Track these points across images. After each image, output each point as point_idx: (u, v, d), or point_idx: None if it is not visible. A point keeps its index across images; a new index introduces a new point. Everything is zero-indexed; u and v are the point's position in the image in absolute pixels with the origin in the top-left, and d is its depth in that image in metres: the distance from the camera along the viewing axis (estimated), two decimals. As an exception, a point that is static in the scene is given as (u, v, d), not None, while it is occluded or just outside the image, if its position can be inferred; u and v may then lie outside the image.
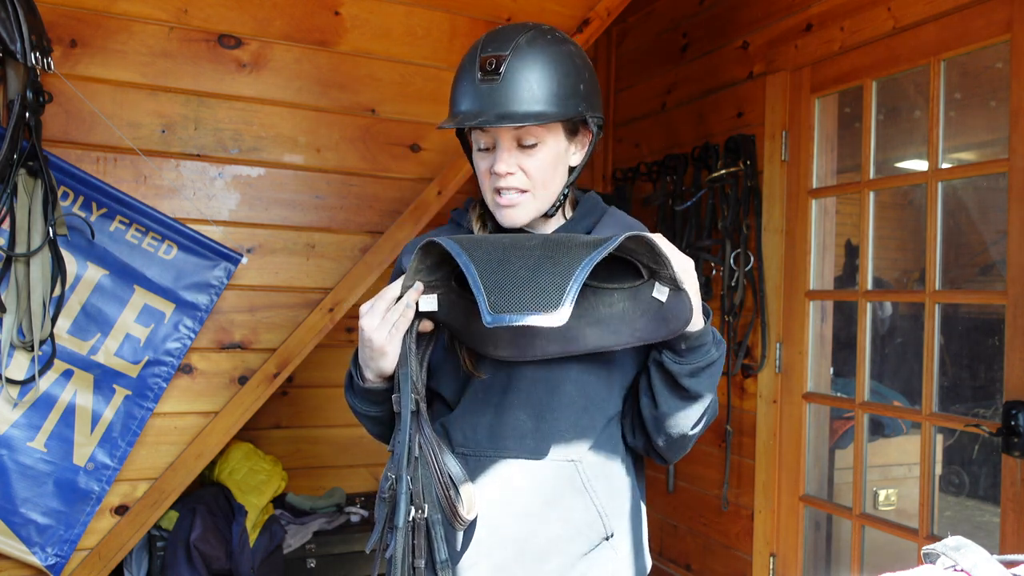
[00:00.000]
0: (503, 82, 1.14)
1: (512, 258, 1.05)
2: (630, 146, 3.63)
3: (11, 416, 1.98)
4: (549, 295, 1.00)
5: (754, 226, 2.78)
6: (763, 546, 2.72)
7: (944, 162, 2.24)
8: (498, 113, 1.14)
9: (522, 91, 1.14)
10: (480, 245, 1.08)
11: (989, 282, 4.80)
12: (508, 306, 1.00)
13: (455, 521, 1.14)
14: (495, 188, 1.22)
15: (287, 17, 2.28)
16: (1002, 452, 1.98)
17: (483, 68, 1.15)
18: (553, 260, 1.03)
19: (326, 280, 2.36)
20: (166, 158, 2.18)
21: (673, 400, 1.19)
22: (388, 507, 1.13)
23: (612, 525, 1.24)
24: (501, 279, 1.02)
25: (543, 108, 1.15)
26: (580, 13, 2.60)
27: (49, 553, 2.03)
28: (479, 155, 1.24)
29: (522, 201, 1.22)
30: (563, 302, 0.99)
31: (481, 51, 1.17)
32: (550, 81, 1.16)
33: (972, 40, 2.11)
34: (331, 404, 3.57)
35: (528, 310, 1.00)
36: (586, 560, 1.23)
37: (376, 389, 1.22)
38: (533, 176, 1.20)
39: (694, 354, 1.15)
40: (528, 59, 1.15)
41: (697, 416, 1.20)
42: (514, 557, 1.20)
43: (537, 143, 1.19)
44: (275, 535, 2.98)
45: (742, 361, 2.82)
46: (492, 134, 1.20)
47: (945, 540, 0.74)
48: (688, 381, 1.16)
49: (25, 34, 1.82)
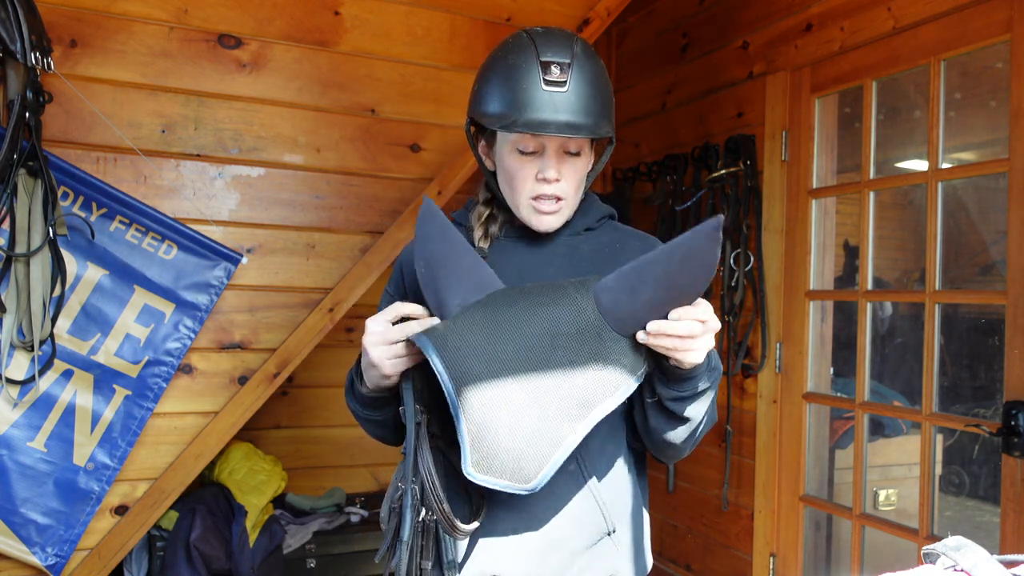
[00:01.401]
0: (570, 92, 1.16)
1: (497, 382, 1.04)
2: (630, 146, 3.63)
3: (11, 416, 1.98)
4: (529, 466, 1.03)
5: (754, 226, 2.78)
6: (763, 546, 2.72)
7: (944, 162, 2.24)
8: (567, 122, 1.16)
9: (587, 102, 1.17)
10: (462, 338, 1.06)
11: (989, 282, 4.80)
12: (489, 469, 1.04)
13: (451, 531, 1.15)
14: (536, 195, 1.22)
15: (287, 17, 2.28)
16: (1002, 452, 1.98)
17: (547, 72, 1.16)
18: (539, 413, 1.04)
19: (326, 280, 2.36)
20: (166, 158, 2.18)
21: (660, 418, 1.20)
22: (397, 519, 1.16)
23: (614, 520, 1.25)
24: (484, 428, 1.03)
25: (600, 120, 1.19)
26: (580, 13, 2.60)
27: (49, 553, 2.03)
28: (519, 158, 1.22)
29: (559, 209, 1.24)
30: (539, 479, 1.04)
31: (540, 55, 1.16)
32: (603, 95, 1.20)
33: (972, 40, 2.11)
34: (331, 404, 3.57)
35: (505, 478, 1.04)
36: (587, 554, 1.23)
37: (377, 397, 1.23)
38: (571, 183, 1.23)
39: (682, 384, 1.14)
40: (587, 71, 1.18)
41: (686, 434, 1.20)
42: (515, 551, 1.21)
43: (580, 152, 1.23)
44: (275, 535, 2.98)
45: (742, 361, 2.82)
46: (542, 140, 1.20)
47: (945, 540, 0.74)
48: (674, 405, 1.16)
49: (25, 34, 1.82)
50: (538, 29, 1.22)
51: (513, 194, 1.25)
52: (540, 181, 1.21)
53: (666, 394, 1.15)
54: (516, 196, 1.25)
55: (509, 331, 1.07)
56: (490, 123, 1.19)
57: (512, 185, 1.25)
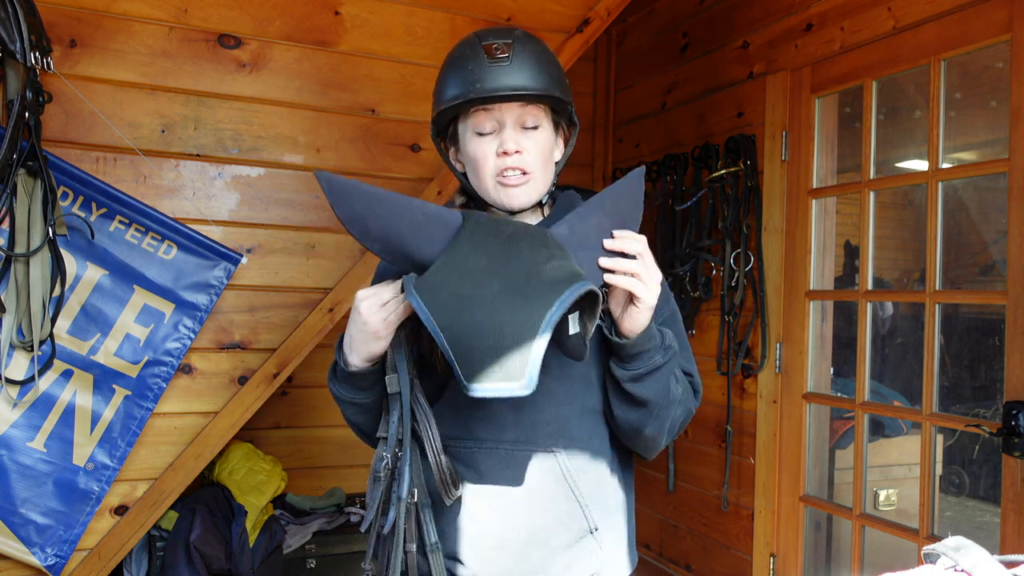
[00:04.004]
0: (513, 63, 1.21)
1: (472, 297, 1.06)
2: (630, 146, 3.63)
3: (11, 416, 1.98)
4: (513, 362, 1.03)
5: (754, 226, 2.78)
6: (763, 546, 2.72)
7: (944, 162, 2.24)
8: (512, 86, 1.20)
9: (532, 70, 1.22)
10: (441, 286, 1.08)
11: (989, 282, 4.80)
12: (483, 377, 1.03)
13: (448, 493, 1.18)
14: (501, 170, 1.24)
15: (287, 17, 2.28)
16: (1002, 452, 1.98)
17: (489, 52, 1.21)
18: (512, 305, 1.05)
19: (326, 280, 2.36)
20: (166, 158, 2.17)
21: (621, 403, 1.22)
22: (384, 484, 1.19)
23: (596, 519, 1.24)
24: (467, 339, 1.04)
25: (549, 86, 1.23)
26: (580, 13, 2.60)
27: (49, 553, 2.03)
28: (479, 140, 1.26)
29: (526, 181, 1.25)
30: (528, 375, 1.02)
31: (482, 40, 1.23)
32: (550, 66, 1.25)
33: (972, 40, 2.11)
34: (331, 404, 3.52)
35: (498, 381, 1.03)
36: (569, 553, 1.23)
37: (363, 372, 1.23)
38: (534, 157, 1.25)
39: (636, 360, 1.17)
40: (529, 47, 1.24)
41: (649, 420, 1.22)
42: (495, 547, 1.21)
43: (538, 126, 1.26)
44: (275, 535, 2.98)
45: (742, 361, 2.82)
46: (497, 116, 1.24)
47: (945, 540, 0.74)
48: (631, 386, 1.18)
49: (25, 34, 1.82)
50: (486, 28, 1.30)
51: (479, 179, 1.27)
52: (501, 156, 1.24)
53: (622, 375, 1.18)
54: (482, 179, 1.27)
55: (477, 255, 1.11)
56: (444, 107, 1.24)
57: (477, 169, 1.27)
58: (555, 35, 2.58)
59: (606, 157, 3.80)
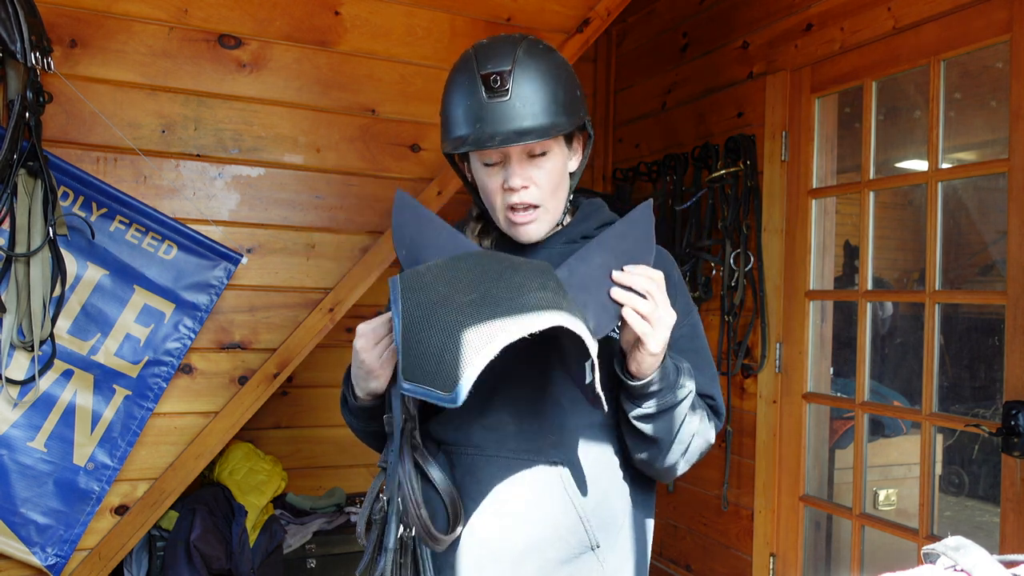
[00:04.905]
0: (512, 98, 1.13)
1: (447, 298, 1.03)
2: (630, 146, 3.63)
3: (11, 416, 1.98)
4: (449, 368, 0.97)
5: (754, 226, 2.78)
6: (763, 546, 2.72)
7: (944, 162, 2.24)
8: (514, 130, 1.13)
9: (533, 105, 1.14)
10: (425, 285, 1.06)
11: (989, 282, 4.80)
12: (415, 375, 0.99)
13: (429, 541, 1.14)
14: (509, 205, 1.21)
15: (287, 17, 2.28)
16: (1002, 452, 1.98)
17: (487, 86, 1.13)
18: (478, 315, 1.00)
19: (326, 280, 2.36)
20: (166, 158, 2.17)
21: (631, 436, 1.19)
22: (379, 529, 1.16)
23: (597, 535, 1.20)
24: (421, 333, 1.00)
25: (554, 119, 1.15)
26: (580, 13, 2.60)
27: (49, 553, 2.03)
28: (486, 171, 1.22)
29: (536, 217, 1.22)
30: (460, 386, 0.96)
31: (480, 68, 1.15)
32: (555, 91, 1.16)
33: (972, 40, 2.11)
34: (331, 404, 3.56)
35: (427, 384, 0.98)
36: (567, 568, 1.19)
37: (369, 407, 1.23)
38: (544, 187, 1.20)
39: (644, 400, 1.12)
40: (531, 71, 1.15)
41: (659, 456, 1.18)
42: (491, 556, 1.18)
43: (546, 153, 1.20)
44: (275, 535, 2.98)
45: (742, 361, 2.82)
46: (503, 150, 1.18)
47: (945, 540, 0.74)
48: (639, 424, 1.14)
49: (25, 34, 1.82)
50: (483, 41, 1.21)
51: (490, 208, 1.25)
52: (507, 191, 1.20)
53: (630, 410, 1.14)
54: (493, 210, 1.25)
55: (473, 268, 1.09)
56: (449, 149, 1.20)
57: (487, 199, 1.25)
58: (555, 35, 2.58)
59: (606, 157, 3.80)
